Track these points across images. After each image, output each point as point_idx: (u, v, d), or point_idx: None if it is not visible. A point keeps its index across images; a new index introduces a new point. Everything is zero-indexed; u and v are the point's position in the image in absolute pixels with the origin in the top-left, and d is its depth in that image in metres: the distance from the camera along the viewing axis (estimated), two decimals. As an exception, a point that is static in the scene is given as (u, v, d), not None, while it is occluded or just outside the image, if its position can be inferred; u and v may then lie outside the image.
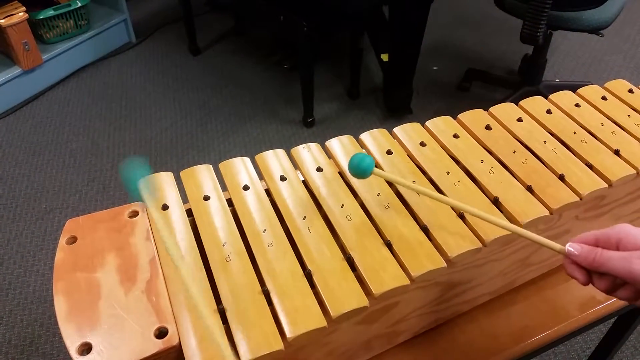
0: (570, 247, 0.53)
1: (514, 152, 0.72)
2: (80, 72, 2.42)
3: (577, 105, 0.82)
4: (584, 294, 0.80)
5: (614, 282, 0.51)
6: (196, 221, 0.62)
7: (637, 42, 2.62)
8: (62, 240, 0.59)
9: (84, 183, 1.90)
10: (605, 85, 0.87)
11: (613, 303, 0.79)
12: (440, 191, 0.67)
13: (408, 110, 2.18)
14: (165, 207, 0.63)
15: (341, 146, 0.73)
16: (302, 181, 0.68)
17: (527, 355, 0.75)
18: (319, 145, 0.73)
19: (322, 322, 0.52)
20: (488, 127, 0.77)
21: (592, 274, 0.52)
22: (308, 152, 0.72)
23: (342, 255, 0.58)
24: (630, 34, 2.67)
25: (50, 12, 2.25)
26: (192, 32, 2.50)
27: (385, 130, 0.76)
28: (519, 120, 0.78)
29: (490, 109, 0.81)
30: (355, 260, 0.58)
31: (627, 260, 0.48)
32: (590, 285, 0.53)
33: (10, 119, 2.17)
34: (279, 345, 0.50)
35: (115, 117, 2.20)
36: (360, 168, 0.61)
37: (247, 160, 0.71)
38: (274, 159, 0.71)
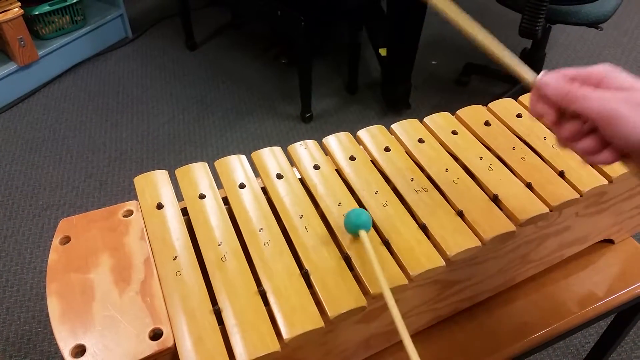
0: (543, 74, 0.47)
1: (514, 148, 0.72)
2: (76, 68, 2.41)
3: (576, 100, 0.81)
4: (583, 291, 0.79)
5: (580, 128, 0.45)
6: (191, 220, 0.61)
7: (636, 35, 2.61)
8: (56, 241, 0.59)
9: (80, 179, 1.89)
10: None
11: (613, 299, 0.79)
12: (439, 189, 0.66)
13: (406, 104, 2.17)
14: (160, 206, 0.62)
15: (339, 143, 0.72)
16: (299, 179, 0.67)
17: (527, 352, 0.75)
18: (316, 142, 0.72)
19: (319, 323, 0.51)
20: (487, 123, 0.76)
21: (561, 115, 0.46)
22: (305, 150, 0.71)
23: (339, 255, 0.58)
24: (629, 27, 2.66)
25: (45, 8, 2.23)
26: (188, 27, 2.49)
27: (383, 126, 0.75)
28: (519, 116, 0.77)
29: (489, 105, 0.80)
30: (352, 259, 0.57)
31: (605, 99, 0.43)
32: (590, 280, 0.50)
33: (6, 116, 2.16)
34: (275, 346, 0.50)
35: (112, 112, 2.19)
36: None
37: (243, 157, 0.70)
38: (271, 157, 0.70)
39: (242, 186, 0.65)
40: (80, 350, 0.49)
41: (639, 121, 0.41)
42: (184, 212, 0.63)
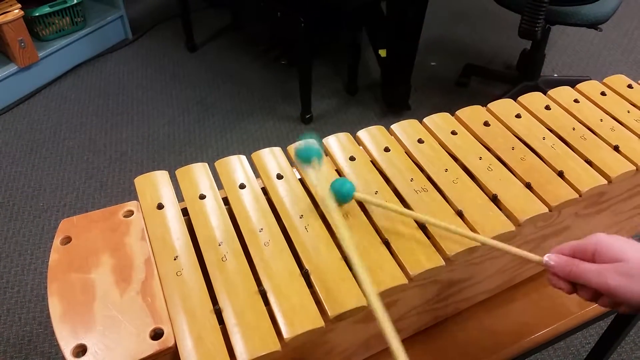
0: (547, 258, 0.53)
1: (513, 148, 0.72)
2: (76, 69, 2.41)
3: (576, 101, 0.81)
4: (583, 291, 0.79)
5: (595, 292, 0.51)
6: (192, 220, 0.61)
7: (636, 36, 2.61)
8: (57, 241, 0.59)
9: (81, 181, 1.90)
10: (604, 80, 0.86)
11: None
12: (438, 189, 0.66)
13: (406, 106, 2.17)
14: (160, 206, 0.63)
15: (338, 143, 0.73)
16: (299, 179, 0.67)
17: (527, 352, 0.75)
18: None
19: (319, 322, 0.52)
20: (486, 124, 0.76)
21: (575, 284, 0.52)
22: (305, 150, 0.71)
23: (339, 255, 0.58)
24: (628, 28, 2.66)
25: (46, 9, 2.23)
26: (189, 29, 2.49)
27: (383, 127, 0.76)
28: (518, 116, 0.78)
29: (489, 105, 0.80)
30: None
31: (602, 275, 0.49)
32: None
33: (7, 117, 2.16)
34: (276, 345, 0.50)
35: (112, 114, 2.19)
36: (342, 193, 0.61)
37: (243, 158, 0.70)
38: (271, 157, 0.70)
39: (242, 186, 0.66)
40: (81, 350, 0.49)
41: (631, 289, 0.48)
42: (185, 212, 0.63)
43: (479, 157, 0.70)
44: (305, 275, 0.55)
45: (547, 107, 0.80)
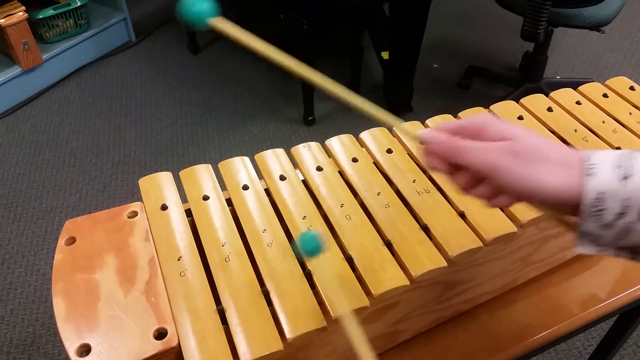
0: (425, 133, 0.47)
1: (515, 150, 0.72)
2: (80, 71, 2.42)
3: (578, 102, 0.82)
4: (585, 293, 0.79)
5: (473, 177, 0.46)
6: (195, 221, 0.62)
7: (638, 38, 2.61)
8: (61, 241, 0.59)
9: (84, 182, 1.90)
10: (606, 82, 0.87)
11: (615, 301, 0.79)
12: (441, 190, 0.66)
13: (409, 108, 2.18)
14: (164, 207, 0.63)
15: (341, 145, 0.73)
16: (302, 180, 0.68)
17: (529, 353, 0.75)
18: (319, 144, 0.73)
19: (322, 323, 0.52)
20: (489, 125, 0.76)
21: (453, 166, 0.47)
22: (308, 151, 0.71)
23: (342, 255, 0.58)
24: (631, 30, 2.66)
25: (49, 12, 2.24)
26: (192, 31, 2.50)
27: (386, 128, 0.76)
28: (520, 118, 0.78)
29: (491, 107, 0.80)
30: (355, 260, 0.57)
31: (485, 151, 0.44)
32: (591, 281, 0.50)
33: (11, 119, 2.17)
34: (278, 345, 0.50)
35: (116, 116, 2.19)
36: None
37: (246, 159, 0.70)
38: (274, 159, 0.70)
39: (245, 188, 0.66)
40: (85, 349, 0.49)
41: (520, 170, 0.43)
42: (188, 213, 0.63)
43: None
44: (308, 275, 0.56)
45: (550, 109, 0.80)
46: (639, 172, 0.41)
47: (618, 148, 0.72)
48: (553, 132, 0.76)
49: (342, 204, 0.64)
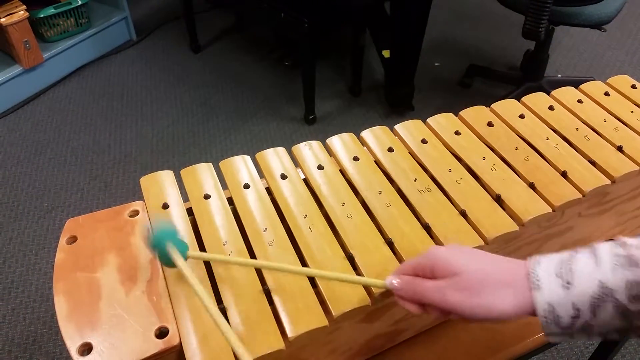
0: (390, 280, 0.51)
1: (516, 149, 0.72)
2: (81, 70, 2.42)
3: (579, 101, 0.81)
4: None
5: (442, 310, 0.49)
6: (197, 220, 0.62)
7: (640, 37, 2.61)
8: (63, 240, 0.59)
9: (85, 181, 1.90)
10: (607, 81, 0.87)
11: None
12: (442, 189, 0.66)
13: (410, 106, 2.17)
14: (165, 206, 0.63)
15: (342, 144, 0.73)
16: (303, 179, 0.68)
17: (530, 352, 0.75)
18: (320, 143, 0.73)
19: (323, 322, 0.52)
20: (490, 124, 0.76)
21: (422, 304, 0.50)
22: (309, 150, 0.71)
23: (343, 254, 0.58)
24: (632, 29, 2.65)
25: (50, 11, 2.24)
26: (193, 30, 2.50)
27: (387, 127, 0.76)
28: (521, 116, 0.78)
29: (492, 106, 0.80)
30: (356, 259, 0.57)
31: (441, 292, 0.47)
32: None
33: (12, 118, 2.17)
34: (280, 344, 0.50)
35: (117, 115, 2.20)
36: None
37: (247, 158, 0.70)
38: (275, 157, 0.70)
39: (246, 186, 0.66)
40: (87, 348, 0.49)
41: (472, 303, 0.46)
42: (189, 212, 0.63)
43: (482, 157, 0.71)
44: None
45: (551, 108, 0.80)
46: (578, 275, 0.44)
47: (620, 147, 0.72)
48: (554, 130, 0.76)
49: (343, 203, 0.64)
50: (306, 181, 0.68)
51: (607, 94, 0.83)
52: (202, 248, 0.59)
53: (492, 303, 0.46)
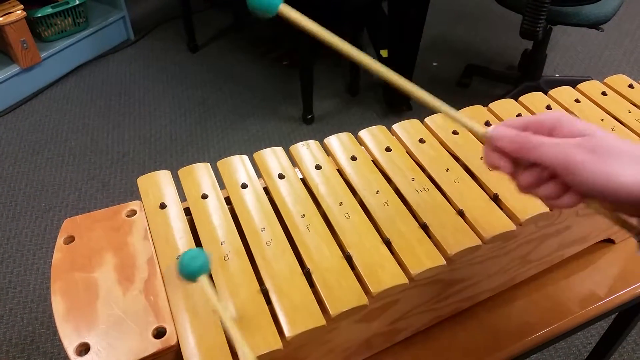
0: (493, 129, 0.46)
1: (514, 148, 0.72)
2: (78, 69, 2.42)
3: (576, 100, 0.82)
4: (584, 291, 0.79)
5: (540, 175, 0.45)
6: (194, 220, 0.62)
7: (637, 36, 2.61)
8: (60, 240, 0.59)
9: (83, 181, 1.90)
10: (605, 80, 0.87)
11: (614, 299, 0.79)
12: (439, 188, 0.66)
13: (407, 106, 2.18)
14: (163, 206, 0.63)
15: (340, 143, 0.73)
16: (300, 179, 0.68)
17: (528, 351, 0.75)
18: (317, 142, 0.73)
19: (321, 321, 0.52)
20: (487, 124, 0.76)
21: (517, 164, 0.46)
22: (307, 150, 0.71)
23: (341, 254, 0.58)
24: (630, 28, 2.66)
25: (48, 10, 2.24)
26: (190, 29, 2.49)
27: (384, 127, 0.76)
28: (519, 116, 0.78)
29: (490, 105, 0.80)
30: (354, 258, 0.57)
31: (560, 147, 0.43)
32: (590, 279, 0.49)
33: (9, 118, 2.16)
34: (277, 344, 0.50)
35: (114, 114, 2.19)
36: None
37: (245, 158, 0.70)
38: (273, 157, 0.70)
39: (244, 186, 0.66)
40: (84, 348, 0.49)
41: (595, 167, 0.42)
42: (187, 211, 0.63)
43: (480, 156, 0.71)
44: (307, 274, 0.56)
45: (548, 107, 0.80)
46: None
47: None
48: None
49: (341, 203, 0.64)
50: (304, 181, 0.68)
51: (604, 93, 0.83)
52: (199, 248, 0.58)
53: (617, 172, 0.41)
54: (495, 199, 0.65)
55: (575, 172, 0.42)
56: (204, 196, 0.64)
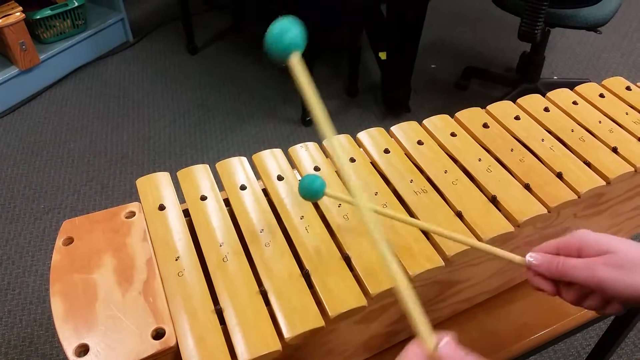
0: (530, 257, 0.51)
1: (512, 150, 0.72)
2: (77, 71, 2.42)
3: (574, 102, 0.82)
4: (582, 292, 0.79)
5: (581, 292, 0.49)
6: (193, 221, 0.62)
7: (635, 39, 2.62)
8: (59, 242, 0.59)
9: (82, 183, 1.90)
10: (602, 82, 0.87)
11: (612, 301, 0.79)
12: (438, 190, 0.66)
13: (406, 108, 2.18)
14: (162, 208, 0.63)
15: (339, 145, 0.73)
16: (299, 180, 0.68)
17: (527, 353, 0.75)
18: (316, 144, 0.73)
19: (319, 322, 0.52)
20: (485, 125, 0.77)
21: (559, 284, 0.50)
22: (305, 152, 0.72)
23: (339, 255, 0.58)
24: (627, 31, 2.67)
25: (47, 12, 2.24)
26: (189, 31, 2.50)
27: (383, 129, 0.76)
28: (517, 118, 0.78)
29: (488, 107, 0.80)
30: (352, 259, 0.57)
31: (590, 268, 0.47)
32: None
33: (8, 119, 2.16)
34: (276, 345, 0.50)
35: (113, 116, 2.19)
36: (312, 190, 0.58)
37: (244, 159, 0.70)
38: (271, 159, 0.70)
39: (243, 188, 0.66)
40: (83, 349, 0.49)
41: (625, 282, 0.46)
42: (186, 213, 0.63)
43: (478, 158, 0.71)
44: (306, 275, 0.56)
45: (546, 109, 0.80)
46: None
47: (614, 148, 0.73)
48: (550, 132, 0.76)
49: (340, 204, 0.64)
50: (303, 182, 0.68)
51: (602, 95, 0.84)
52: (198, 249, 0.59)
53: None
54: (494, 200, 0.65)
55: (607, 289, 0.46)
56: (203, 198, 0.64)
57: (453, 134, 0.75)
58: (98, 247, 0.58)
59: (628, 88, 0.85)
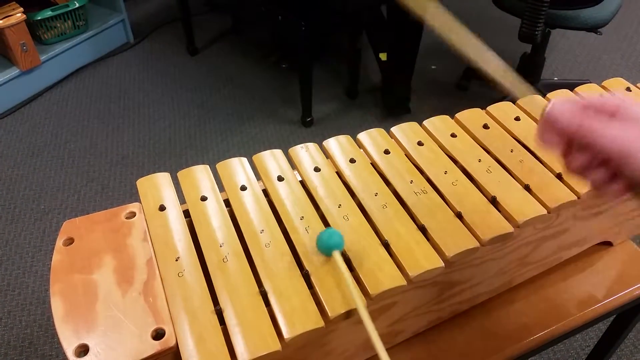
0: (555, 105, 0.42)
1: (512, 151, 0.72)
2: (78, 72, 2.42)
3: (574, 103, 0.82)
4: (582, 293, 0.80)
5: (591, 160, 0.43)
6: (193, 222, 0.62)
7: (635, 40, 2.62)
8: (59, 242, 0.59)
9: (82, 183, 1.90)
10: (603, 83, 0.87)
11: (612, 301, 0.79)
12: (438, 191, 0.66)
13: (406, 109, 2.18)
14: (162, 208, 0.63)
15: (339, 146, 0.73)
16: (299, 181, 0.68)
17: (526, 353, 0.75)
18: (316, 145, 0.73)
19: (319, 323, 0.52)
20: (485, 126, 0.77)
21: (569, 144, 0.43)
22: (306, 152, 0.72)
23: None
24: (628, 32, 2.67)
25: (48, 13, 2.24)
26: (190, 32, 2.50)
27: (383, 129, 0.76)
28: (517, 119, 0.78)
29: (488, 108, 0.80)
30: (352, 260, 0.57)
31: (623, 138, 0.40)
32: (588, 282, 0.48)
33: (9, 120, 2.17)
34: (276, 345, 0.50)
35: (114, 117, 2.20)
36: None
37: (244, 160, 0.70)
38: (272, 159, 0.71)
39: (243, 188, 0.66)
40: (83, 350, 0.49)
41: None
42: (186, 214, 0.63)
43: (478, 159, 0.71)
44: (306, 276, 0.56)
45: (546, 110, 0.80)
46: None
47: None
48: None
49: (340, 205, 0.64)
50: (303, 183, 0.68)
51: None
52: (198, 250, 0.59)
53: None
54: (493, 201, 0.65)
55: (631, 163, 0.40)
56: (203, 198, 0.65)
57: (453, 135, 0.75)
58: (98, 248, 0.59)
59: (628, 89, 0.85)
